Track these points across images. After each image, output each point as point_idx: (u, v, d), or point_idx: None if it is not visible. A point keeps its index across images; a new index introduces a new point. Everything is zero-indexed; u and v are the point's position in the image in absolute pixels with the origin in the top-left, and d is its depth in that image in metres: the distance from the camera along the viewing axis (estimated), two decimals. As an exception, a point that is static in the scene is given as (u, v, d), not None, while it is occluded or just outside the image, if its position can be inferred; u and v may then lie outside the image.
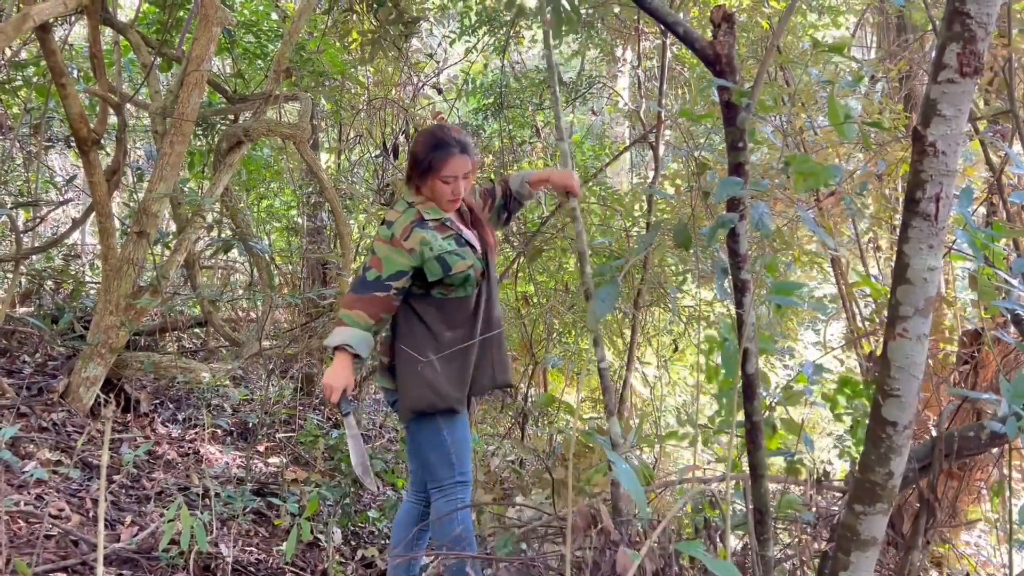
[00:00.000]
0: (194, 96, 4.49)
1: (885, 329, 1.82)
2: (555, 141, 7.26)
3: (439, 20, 7.88)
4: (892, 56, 5.39)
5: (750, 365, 2.08)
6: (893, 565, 2.67)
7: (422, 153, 2.78)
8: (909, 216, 1.74)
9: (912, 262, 1.75)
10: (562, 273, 7.09)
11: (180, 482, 3.88)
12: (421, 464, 2.85)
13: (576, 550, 2.33)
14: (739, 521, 2.60)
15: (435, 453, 2.77)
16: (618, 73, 8.76)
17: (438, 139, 2.78)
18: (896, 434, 1.83)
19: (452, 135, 2.80)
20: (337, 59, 5.91)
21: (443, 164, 2.76)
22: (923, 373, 1.82)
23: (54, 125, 6.67)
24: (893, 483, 1.87)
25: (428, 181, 2.79)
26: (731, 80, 1.90)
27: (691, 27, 2.06)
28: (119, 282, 4.32)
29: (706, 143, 5.87)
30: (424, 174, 2.78)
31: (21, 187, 6.74)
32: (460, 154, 2.77)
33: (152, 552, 2.97)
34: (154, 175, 4.47)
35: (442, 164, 2.76)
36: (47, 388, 4.28)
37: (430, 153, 2.77)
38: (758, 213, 1.78)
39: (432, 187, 2.79)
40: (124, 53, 5.82)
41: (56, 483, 3.39)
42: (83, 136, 4.33)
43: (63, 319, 4.98)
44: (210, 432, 4.73)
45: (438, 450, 2.76)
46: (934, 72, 1.68)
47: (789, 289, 1.97)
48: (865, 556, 1.92)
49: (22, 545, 2.75)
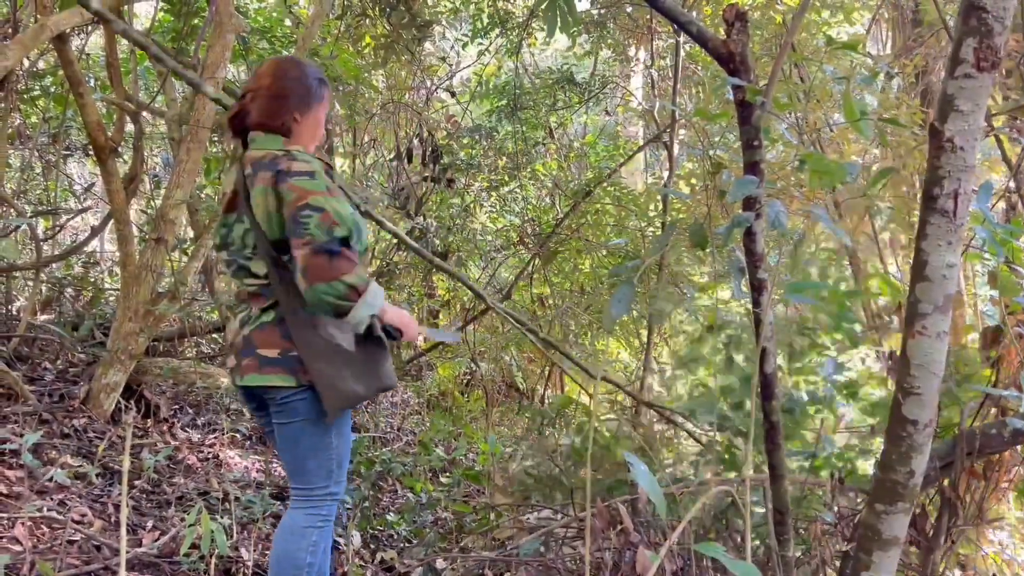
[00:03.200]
0: (209, 103, 4.52)
1: (904, 327, 1.81)
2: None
3: (451, 23, 7.90)
4: (907, 51, 5.35)
5: (768, 364, 2.07)
6: (916, 565, 2.64)
7: (307, 80, 2.31)
8: (927, 213, 1.72)
9: (930, 259, 1.73)
10: (577, 274, 7.09)
11: (200, 487, 3.91)
12: (293, 465, 2.33)
13: (595, 551, 2.33)
14: (759, 522, 2.58)
15: (316, 456, 2.29)
16: (631, 73, 8.75)
17: (315, 70, 2.38)
18: (917, 432, 1.82)
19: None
20: (351, 64, 5.93)
21: (326, 98, 2.37)
22: (943, 371, 1.80)
23: (72, 134, 6.75)
24: (914, 482, 1.85)
25: (311, 116, 2.32)
26: (745, 78, 1.90)
27: (704, 26, 2.05)
28: (138, 289, 4.36)
29: (721, 142, 5.86)
30: (310, 107, 2.30)
31: (41, 196, 6.82)
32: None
33: (173, 556, 2.99)
34: (171, 182, 4.50)
35: (325, 98, 2.37)
36: (68, 394, 4.32)
37: (315, 83, 2.33)
38: (774, 211, 1.78)
39: (315, 124, 2.34)
40: (140, 61, 5.87)
41: (78, 489, 3.42)
42: (101, 144, 4.37)
43: (83, 326, 5.03)
44: (229, 437, 4.76)
45: (321, 454, 2.29)
46: (951, 67, 1.67)
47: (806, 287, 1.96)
48: (887, 556, 1.91)
49: (46, 550, 2.78)
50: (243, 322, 2.26)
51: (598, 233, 6.63)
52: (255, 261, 2.23)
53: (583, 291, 7.03)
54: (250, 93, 2.31)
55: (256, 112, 2.28)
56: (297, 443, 2.26)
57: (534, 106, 7.27)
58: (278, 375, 2.18)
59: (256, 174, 2.19)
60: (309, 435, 2.25)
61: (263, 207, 2.16)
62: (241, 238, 2.24)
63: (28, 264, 5.40)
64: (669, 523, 2.68)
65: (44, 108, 6.32)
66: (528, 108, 7.23)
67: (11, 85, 5.11)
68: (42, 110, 6.34)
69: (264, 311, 2.23)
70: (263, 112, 2.27)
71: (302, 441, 2.26)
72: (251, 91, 2.32)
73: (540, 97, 7.28)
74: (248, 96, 2.31)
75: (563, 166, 7.71)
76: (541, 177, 7.59)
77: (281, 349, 2.19)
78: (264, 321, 2.22)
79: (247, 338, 2.23)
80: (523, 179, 7.43)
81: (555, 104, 7.45)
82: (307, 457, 2.27)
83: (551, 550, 3.01)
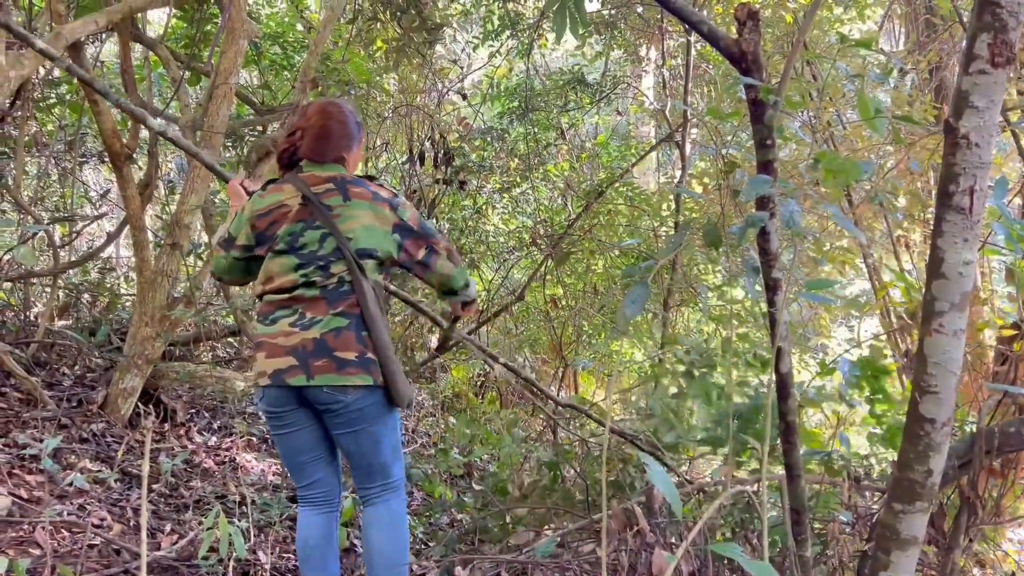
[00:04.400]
0: (223, 109, 4.55)
1: (920, 325, 1.80)
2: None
3: (462, 26, 7.92)
4: (921, 47, 5.32)
5: (783, 364, 2.06)
6: (935, 564, 2.63)
7: (350, 125, 2.57)
8: (943, 210, 1.72)
9: (947, 256, 1.72)
10: (590, 275, 7.08)
11: (217, 490, 3.93)
12: (376, 462, 2.48)
13: (612, 552, 2.32)
14: (776, 522, 2.58)
15: (394, 450, 2.53)
16: (643, 73, 8.74)
17: (355, 113, 2.63)
18: (934, 431, 1.81)
19: None
20: (362, 68, 5.95)
21: (364, 140, 2.72)
22: (961, 369, 1.79)
23: (88, 141, 6.80)
24: (933, 481, 1.84)
25: (355, 154, 2.61)
26: (757, 77, 1.89)
27: (715, 26, 2.05)
28: (154, 294, 4.39)
29: (733, 141, 5.84)
30: (351, 150, 2.57)
31: (57, 203, 6.88)
32: None
33: (192, 560, 3.01)
34: (186, 187, 4.53)
35: (364, 139, 2.72)
36: (86, 399, 4.35)
37: (356, 127, 2.60)
38: (788, 211, 1.77)
39: (356, 161, 2.63)
40: (154, 68, 5.92)
41: (97, 493, 3.45)
42: (116, 151, 4.41)
43: (100, 331, 5.07)
44: (245, 440, 4.79)
45: (397, 447, 2.54)
46: (965, 63, 1.66)
47: (822, 286, 1.95)
48: (906, 555, 1.90)
49: (66, 554, 2.81)
50: (305, 325, 2.36)
51: (611, 233, 6.62)
52: (336, 263, 2.39)
53: (596, 292, 7.03)
54: (300, 131, 2.54)
55: (306, 149, 2.51)
56: (378, 444, 2.45)
57: (546, 107, 7.27)
58: (358, 375, 2.35)
59: (342, 190, 2.43)
60: (388, 433, 2.46)
61: (362, 220, 2.40)
62: (318, 242, 2.39)
63: (46, 270, 5.45)
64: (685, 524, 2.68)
65: (60, 116, 6.38)
66: (540, 109, 7.23)
67: (27, 93, 5.16)
68: (58, 118, 6.40)
69: (336, 316, 2.37)
70: (313, 150, 2.50)
71: (383, 440, 2.45)
72: (300, 129, 2.54)
73: (551, 98, 7.28)
74: (298, 133, 2.54)
75: (575, 167, 7.70)
76: (553, 178, 7.59)
77: (358, 352, 2.36)
78: (338, 326, 2.36)
79: (319, 340, 2.34)
80: (535, 180, 7.43)
81: (567, 105, 7.44)
82: (387, 453, 2.47)
83: (567, 551, 3.01)
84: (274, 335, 2.38)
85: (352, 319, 2.38)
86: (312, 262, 2.38)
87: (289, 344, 2.36)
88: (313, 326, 2.36)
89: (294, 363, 2.34)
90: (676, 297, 6.18)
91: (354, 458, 2.46)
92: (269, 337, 2.39)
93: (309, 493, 2.53)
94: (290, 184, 2.46)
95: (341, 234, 2.38)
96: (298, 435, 2.46)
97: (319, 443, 2.49)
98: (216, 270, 2.62)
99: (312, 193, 2.42)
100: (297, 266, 2.39)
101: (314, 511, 2.53)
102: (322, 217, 2.39)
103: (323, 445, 2.51)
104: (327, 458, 2.54)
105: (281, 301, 2.41)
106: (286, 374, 2.34)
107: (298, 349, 2.35)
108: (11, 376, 4.23)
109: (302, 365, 2.33)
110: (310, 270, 2.38)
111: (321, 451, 2.51)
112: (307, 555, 2.50)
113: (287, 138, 2.56)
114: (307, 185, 2.44)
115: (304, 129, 2.52)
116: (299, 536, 2.53)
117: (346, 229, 2.39)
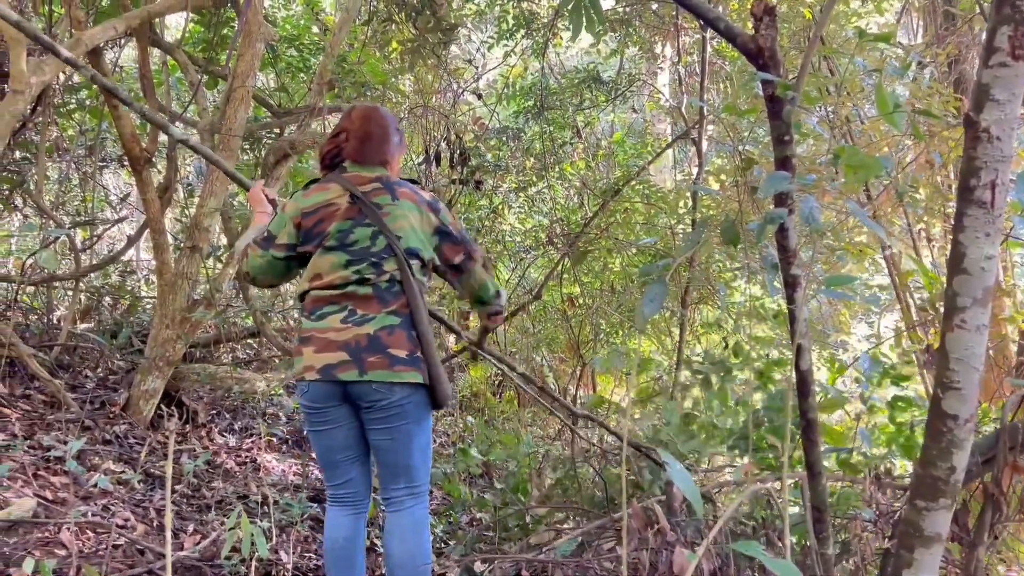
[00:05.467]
0: (240, 112, 4.59)
1: (943, 320, 1.78)
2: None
3: (477, 26, 7.92)
4: (939, 41, 5.27)
5: (804, 361, 2.05)
6: (959, 562, 2.60)
7: (391, 130, 2.63)
8: (964, 204, 1.70)
9: (968, 251, 1.71)
10: (607, 274, 7.07)
11: (239, 490, 3.96)
12: (404, 463, 2.48)
13: (632, 551, 2.32)
14: (797, 520, 2.56)
15: (423, 453, 2.52)
16: (658, 70, 8.71)
17: (395, 119, 2.70)
18: (957, 428, 1.79)
19: None
20: (378, 69, 5.97)
21: (404, 143, 2.75)
22: (983, 364, 1.78)
23: (107, 145, 6.87)
24: (956, 478, 1.83)
25: (398, 158, 2.68)
26: (775, 73, 1.88)
27: (731, 22, 2.04)
28: (174, 296, 4.43)
29: (750, 137, 5.81)
30: (394, 155, 2.64)
31: (78, 207, 6.95)
32: None
33: (215, 560, 3.04)
34: (204, 190, 4.57)
35: (404, 143, 2.75)
36: (109, 401, 4.40)
37: (397, 132, 2.67)
38: (808, 207, 1.76)
39: (398, 164, 2.69)
40: (172, 72, 5.97)
41: (121, 494, 3.48)
42: (135, 155, 4.45)
43: (122, 334, 5.12)
44: (266, 441, 4.82)
45: (426, 451, 2.53)
46: (985, 56, 1.65)
47: (842, 282, 1.94)
48: (929, 553, 1.88)
49: (91, 555, 2.84)
50: (358, 321, 2.39)
51: (627, 232, 6.61)
52: (388, 260, 2.43)
53: (613, 290, 7.01)
54: (344, 133, 2.59)
55: (351, 150, 2.57)
56: (411, 443, 2.45)
57: (561, 106, 7.26)
58: (409, 373, 2.39)
59: (389, 189, 2.48)
60: (421, 434, 2.47)
61: (409, 220, 2.46)
62: (369, 239, 2.43)
63: (68, 274, 5.51)
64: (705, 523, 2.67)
65: (80, 121, 6.44)
66: (555, 108, 7.22)
67: (48, 99, 5.21)
68: (78, 123, 6.46)
69: (389, 313, 2.41)
70: (357, 151, 2.56)
71: (415, 440, 2.46)
72: (345, 131, 2.59)
73: (567, 97, 7.27)
74: (343, 135, 2.59)
75: (591, 165, 7.69)
76: (569, 177, 7.58)
77: (408, 351, 2.40)
78: (391, 323, 2.40)
79: (373, 337, 2.38)
80: (551, 179, 7.42)
81: (582, 103, 7.43)
82: (417, 456, 2.47)
83: (587, 550, 3.01)
84: (324, 330, 2.41)
85: (403, 318, 2.42)
86: (364, 259, 2.42)
87: (341, 339, 2.38)
88: (366, 322, 2.39)
89: (346, 358, 2.36)
90: (694, 295, 6.15)
91: (384, 455, 2.47)
92: (318, 332, 2.41)
93: (340, 492, 2.55)
94: (336, 183, 2.50)
95: (392, 232, 2.42)
96: (337, 432, 2.48)
97: (356, 442, 2.52)
98: (251, 269, 2.62)
99: (360, 192, 2.46)
100: (348, 263, 2.42)
101: (343, 511, 2.55)
102: (372, 215, 2.43)
103: (359, 445, 2.53)
104: (361, 458, 2.56)
105: (330, 297, 2.44)
106: (337, 368, 2.37)
107: (351, 344, 2.37)
108: (35, 379, 4.28)
109: (355, 360, 2.36)
110: (362, 267, 2.41)
111: (357, 451, 2.53)
112: (335, 555, 2.52)
113: (331, 139, 2.61)
114: (353, 184, 2.48)
115: (348, 131, 2.57)
116: (327, 536, 2.55)
117: (396, 228, 2.43)
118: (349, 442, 2.50)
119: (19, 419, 3.93)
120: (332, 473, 2.54)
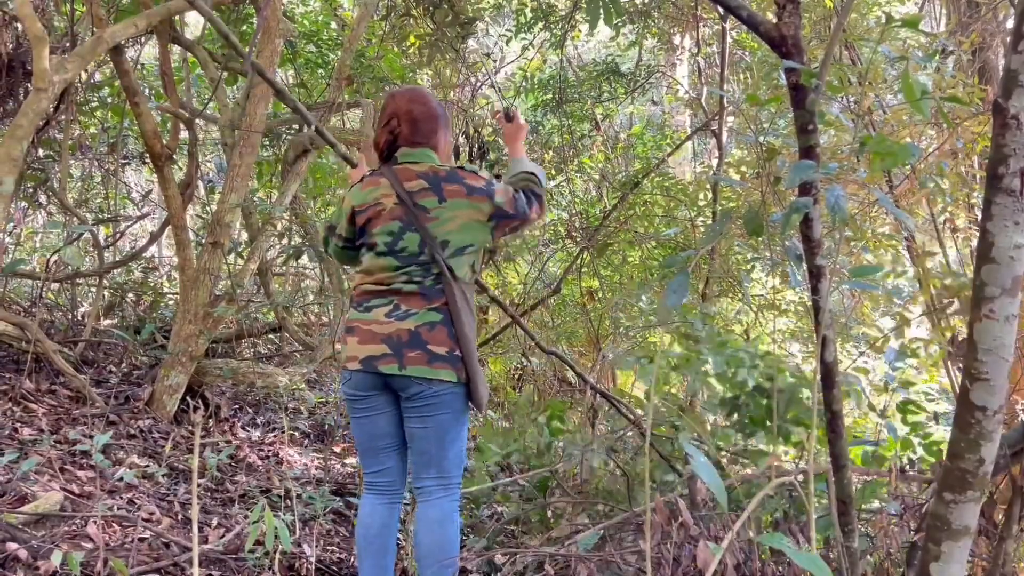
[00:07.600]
0: (260, 108, 4.61)
1: (970, 311, 1.76)
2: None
3: (495, 19, 7.91)
4: (963, 27, 5.19)
5: (828, 353, 2.03)
6: (986, 555, 2.57)
7: (438, 108, 2.63)
8: (992, 192, 1.68)
9: (997, 240, 1.68)
10: (627, 267, 7.04)
11: (262, 484, 3.99)
12: (436, 452, 2.50)
13: (655, 545, 2.31)
14: (821, 513, 2.54)
15: (456, 446, 2.54)
16: (677, 61, 8.65)
17: (438, 100, 2.70)
18: (986, 419, 1.77)
19: None
20: (396, 64, 5.98)
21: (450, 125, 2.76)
22: (1013, 355, 1.75)
23: (129, 143, 6.93)
24: (984, 470, 1.81)
25: (447, 137, 2.66)
26: (798, 61, 1.86)
27: (754, 11, 2.02)
28: (196, 292, 4.46)
29: (770, 127, 5.76)
30: (441, 134, 2.63)
31: (101, 204, 7.02)
32: None
33: (239, 553, 3.06)
34: (225, 187, 4.60)
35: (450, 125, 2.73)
36: (133, 397, 4.44)
37: (443, 111, 2.66)
38: (834, 196, 1.74)
39: (448, 145, 2.68)
40: (192, 69, 6.01)
41: (146, 488, 3.51)
42: (157, 152, 4.48)
43: (145, 330, 5.17)
44: (288, 435, 4.85)
45: (461, 445, 2.56)
46: (1014, 41, 1.62)
47: (866, 272, 1.92)
48: (957, 546, 1.86)
49: (117, 548, 2.87)
50: (400, 316, 2.44)
51: (647, 224, 6.58)
52: (435, 263, 2.47)
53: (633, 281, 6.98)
54: (395, 118, 2.57)
55: (405, 134, 2.56)
56: (445, 434, 2.48)
57: (579, 99, 7.23)
58: (445, 371, 2.43)
59: (437, 190, 2.46)
60: (456, 427, 2.50)
61: (458, 221, 2.47)
62: (417, 245, 2.46)
63: (91, 271, 5.56)
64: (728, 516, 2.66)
65: (102, 119, 6.50)
66: (573, 101, 7.20)
67: (71, 97, 5.26)
68: (100, 120, 6.52)
69: (431, 310, 2.45)
70: (411, 133, 2.56)
71: (450, 432, 2.49)
72: (394, 116, 2.58)
73: (585, 89, 7.24)
74: (394, 121, 2.57)
75: (610, 158, 7.66)
76: (588, 170, 7.55)
77: (448, 348, 2.44)
78: (432, 320, 2.44)
79: (414, 332, 2.42)
80: (570, 172, 7.40)
81: (600, 96, 7.40)
82: (450, 448, 2.50)
83: (610, 544, 3.00)
84: (368, 322, 2.47)
85: (444, 314, 2.46)
86: (412, 263, 2.47)
87: (384, 332, 2.43)
88: (408, 317, 2.44)
89: (387, 351, 2.42)
90: (715, 287, 6.11)
91: (418, 443, 2.50)
92: (363, 323, 2.47)
93: (377, 480, 2.60)
94: (385, 179, 2.52)
95: (435, 239, 2.45)
96: (377, 420, 2.53)
97: (395, 430, 2.56)
98: (331, 252, 2.73)
99: (406, 193, 2.47)
100: (397, 267, 2.48)
101: (379, 499, 2.59)
102: (417, 222, 2.45)
103: (399, 433, 2.57)
104: (400, 448, 2.60)
105: (379, 291, 2.50)
106: (378, 361, 2.42)
107: (392, 338, 2.42)
108: (61, 374, 4.33)
109: (395, 354, 2.41)
110: (411, 270, 2.47)
111: (396, 439, 2.57)
112: (367, 542, 2.55)
113: (384, 127, 2.60)
114: (399, 182, 2.49)
115: (397, 115, 2.57)
116: (360, 522, 2.59)
117: (441, 232, 2.46)
118: (389, 430, 2.55)
119: (45, 414, 3.98)
120: (371, 460, 2.59)
